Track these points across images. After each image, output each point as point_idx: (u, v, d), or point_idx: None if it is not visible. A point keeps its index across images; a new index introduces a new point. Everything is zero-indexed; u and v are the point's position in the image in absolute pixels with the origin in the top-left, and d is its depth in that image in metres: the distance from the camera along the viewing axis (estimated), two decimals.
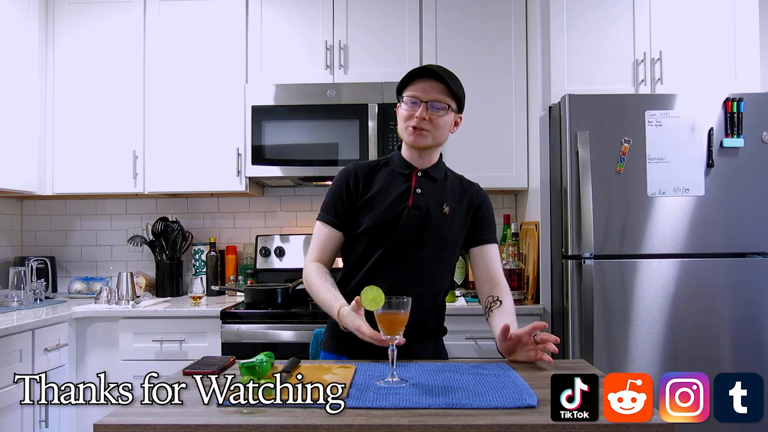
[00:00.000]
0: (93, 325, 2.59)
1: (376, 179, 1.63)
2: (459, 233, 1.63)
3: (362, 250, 1.60)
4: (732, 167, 2.38)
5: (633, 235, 2.37)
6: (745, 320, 2.35)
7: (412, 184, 1.60)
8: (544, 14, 2.64)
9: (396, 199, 1.59)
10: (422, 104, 1.53)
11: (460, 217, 1.62)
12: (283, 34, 2.90)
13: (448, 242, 1.61)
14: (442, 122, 1.55)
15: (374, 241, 1.58)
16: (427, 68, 1.55)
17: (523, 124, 2.83)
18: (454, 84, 1.55)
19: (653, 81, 2.61)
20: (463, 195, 1.65)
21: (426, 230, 1.57)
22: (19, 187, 2.77)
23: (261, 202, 3.25)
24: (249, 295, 2.61)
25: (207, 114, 2.89)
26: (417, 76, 1.55)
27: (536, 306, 2.54)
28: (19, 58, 2.76)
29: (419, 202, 1.58)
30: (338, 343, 1.63)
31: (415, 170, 1.62)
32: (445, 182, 1.66)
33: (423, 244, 1.57)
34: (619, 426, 0.99)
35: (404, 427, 0.99)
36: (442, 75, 1.53)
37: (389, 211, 1.57)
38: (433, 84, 1.54)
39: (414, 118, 1.53)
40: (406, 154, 1.64)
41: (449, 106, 1.55)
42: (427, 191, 1.61)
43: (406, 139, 1.59)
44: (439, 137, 1.58)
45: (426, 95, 1.53)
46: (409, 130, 1.56)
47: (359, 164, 1.68)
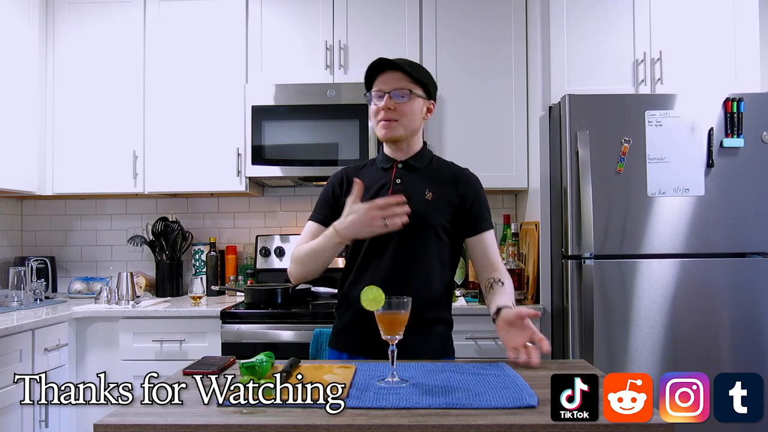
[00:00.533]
0: (93, 325, 2.59)
1: (363, 178, 1.64)
2: (446, 218, 1.62)
3: (353, 248, 1.64)
4: (732, 167, 2.38)
5: (633, 235, 2.37)
6: (745, 320, 2.35)
7: (392, 176, 1.64)
8: (544, 14, 2.64)
9: (376, 192, 1.61)
10: (386, 95, 1.57)
11: (445, 202, 1.62)
12: (283, 34, 2.90)
13: (434, 227, 1.60)
14: (408, 109, 1.58)
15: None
16: (383, 60, 1.58)
17: (523, 124, 2.83)
18: (414, 70, 1.59)
19: (653, 81, 2.61)
20: (449, 179, 1.66)
21: (408, 218, 1.54)
22: (19, 187, 2.77)
23: (261, 202, 3.25)
24: (249, 295, 2.61)
25: (207, 114, 2.89)
26: (377, 72, 1.59)
27: (536, 306, 2.54)
28: (19, 58, 2.76)
29: (398, 191, 1.58)
30: (340, 341, 1.67)
31: (396, 162, 1.66)
32: (429, 170, 1.67)
33: (407, 232, 1.53)
34: (619, 426, 0.99)
35: (404, 427, 0.99)
36: (399, 63, 1.57)
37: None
38: (393, 74, 1.58)
39: (381, 111, 1.58)
40: (387, 149, 1.69)
41: (411, 92, 1.58)
42: (408, 180, 1.63)
43: (379, 134, 1.62)
44: (409, 125, 1.60)
45: (388, 86, 1.57)
46: (379, 124, 1.60)
47: (348, 167, 1.75)
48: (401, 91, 1.57)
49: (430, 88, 1.64)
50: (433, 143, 2.79)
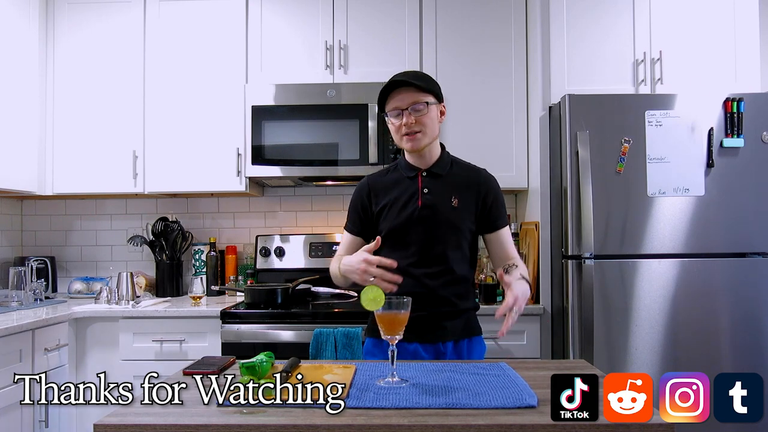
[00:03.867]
0: (93, 325, 2.59)
1: (387, 186, 1.78)
2: (470, 219, 1.75)
3: (386, 254, 1.69)
4: (732, 167, 2.38)
5: (633, 235, 2.37)
6: (745, 320, 2.35)
7: (419, 185, 1.73)
8: (544, 14, 2.64)
9: (406, 202, 1.73)
10: (404, 112, 1.66)
11: (469, 205, 1.74)
12: (283, 34, 2.90)
13: (462, 231, 1.73)
14: (428, 120, 1.69)
15: (394, 242, 1.72)
16: (395, 81, 1.68)
17: (523, 124, 2.83)
18: (424, 82, 1.69)
19: (653, 81, 2.61)
20: (471, 183, 1.76)
21: (439, 226, 1.71)
22: (19, 187, 2.77)
23: (261, 202, 3.25)
24: (249, 295, 2.61)
25: (207, 114, 2.89)
26: (390, 90, 1.69)
27: (536, 306, 2.54)
28: (19, 58, 2.76)
29: (427, 201, 1.71)
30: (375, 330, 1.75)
31: (420, 171, 1.76)
32: (451, 175, 1.77)
33: (438, 239, 1.70)
34: (619, 426, 0.99)
35: (404, 427, 0.99)
36: (410, 81, 1.67)
37: (402, 215, 1.72)
38: (407, 91, 1.67)
39: (403, 127, 1.67)
40: (409, 157, 1.79)
41: (427, 103, 1.68)
42: (434, 189, 1.73)
43: (405, 147, 1.72)
44: (431, 133, 1.71)
45: (405, 103, 1.66)
46: (404, 139, 1.70)
47: (371, 176, 1.85)
48: (417, 104, 1.66)
49: (439, 92, 1.73)
50: None
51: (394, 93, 1.68)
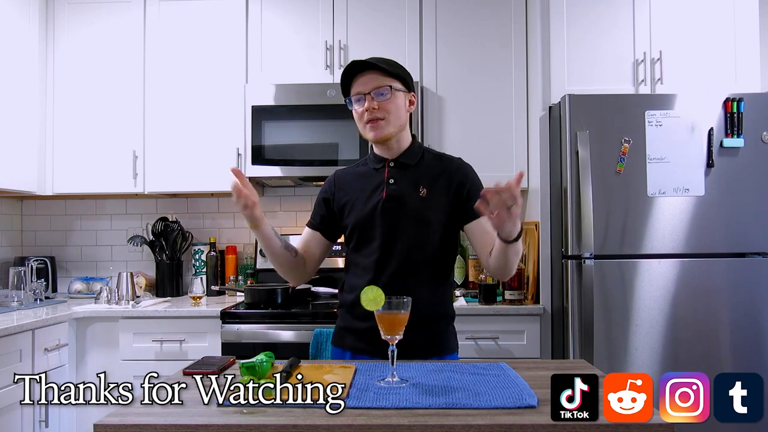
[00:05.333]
0: (93, 325, 2.59)
1: (353, 180, 1.68)
2: (441, 211, 1.61)
3: (352, 249, 1.66)
4: (732, 167, 2.37)
5: (633, 235, 2.37)
6: (745, 320, 2.35)
7: (384, 176, 1.63)
8: (544, 14, 2.63)
9: (371, 194, 1.62)
10: (366, 96, 1.55)
11: (440, 196, 1.61)
12: (283, 34, 2.90)
13: (431, 223, 1.59)
14: (392, 106, 1.57)
15: (360, 238, 1.63)
16: (355, 63, 1.57)
17: (523, 124, 2.83)
18: (388, 65, 1.57)
19: (653, 81, 2.60)
20: (442, 172, 1.63)
21: (404, 217, 1.58)
22: (19, 187, 2.77)
23: (261, 202, 3.20)
24: (249, 295, 2.61)
25: (207, 114, 2.89)
26: (352, 75, 1.58)
27: (536, 306, 2.54)
28: (19, 58, 2.76)
29: (393, 193, 1.59)
30: (341, 339, 1.69)
31: (387, 161, 1.64)
32: (421, 165, 1.64)
33: (404, 231, 1.58)
34: (619, 426, 0.99)
35: (404, 427, 0.99)
36: (372, 62, 1.55)
37: (365, 208, 1.61)
38: (369, 74, 1.56)
39: (365, 113, 1.56)
40: (376, 149, 1.67)
41: (391, 87, 1.56)
42: (401, 180, 1.62)
43: (368, 136, 1.60)
44: (396, 121, 1.59)
45: (367, 87, 1.55)
46: (367, 127, 1.58)
47: (340, 169, 1.75)
48: (381, 89, 1.55)
49: (408, 80, 1.62)
50: (433, 143, 2.80)
51: (357, 77, 1.57)
